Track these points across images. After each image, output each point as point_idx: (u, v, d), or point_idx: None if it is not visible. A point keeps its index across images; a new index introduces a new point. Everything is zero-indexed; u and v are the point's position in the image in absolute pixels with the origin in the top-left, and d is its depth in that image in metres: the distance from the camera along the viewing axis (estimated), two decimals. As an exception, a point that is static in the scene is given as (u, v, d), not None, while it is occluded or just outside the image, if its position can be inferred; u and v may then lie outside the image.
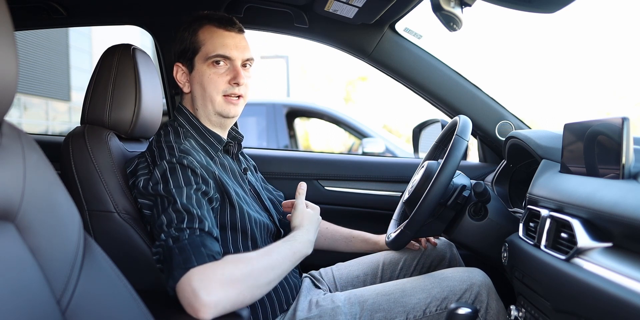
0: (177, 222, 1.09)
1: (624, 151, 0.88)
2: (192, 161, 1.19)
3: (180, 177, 1.16)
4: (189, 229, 1.08)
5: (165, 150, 1.23)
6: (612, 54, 19.96)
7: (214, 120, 1.34)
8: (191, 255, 1.03)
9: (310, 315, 1.28)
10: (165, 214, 1.11)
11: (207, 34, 1.31)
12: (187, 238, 1.06)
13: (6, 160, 0.72)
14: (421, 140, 2.09)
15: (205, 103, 1.32)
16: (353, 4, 1.57)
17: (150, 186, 1.17)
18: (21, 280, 0.69)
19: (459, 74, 1.82)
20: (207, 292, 0.98)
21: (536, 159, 1.36)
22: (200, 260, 1.02)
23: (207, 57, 1.29)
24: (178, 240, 1.06)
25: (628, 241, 0.82)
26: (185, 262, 1.02)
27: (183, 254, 1.04)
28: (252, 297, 1.04)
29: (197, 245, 1.05)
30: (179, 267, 1.01)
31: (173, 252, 1.04)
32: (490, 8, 1.11)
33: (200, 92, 1.32)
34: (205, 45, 1.30)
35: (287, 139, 4.78)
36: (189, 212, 1.10)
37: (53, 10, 1.81)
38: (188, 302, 0.98)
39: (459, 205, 1.34)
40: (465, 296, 1.22)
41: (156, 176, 1.17)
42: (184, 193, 1.13)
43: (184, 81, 1.35)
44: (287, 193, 1.89)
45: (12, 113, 7.07)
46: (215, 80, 1.30)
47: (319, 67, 17.83)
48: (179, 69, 1.35)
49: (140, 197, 1.22)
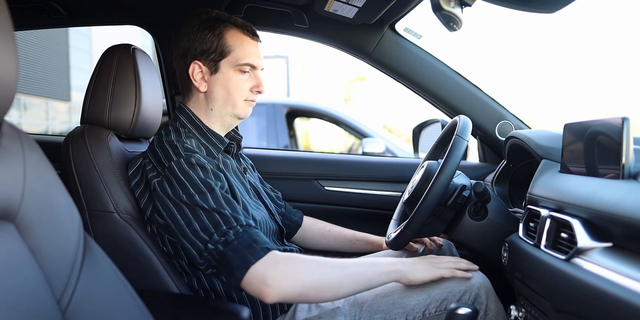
0: (215, 226, 1.13)
1: (624, 151, 0.88)
2: (199, 158, 1.21)
3: (196, 181, 1.17)
4: (231, 229, 1.12)
5: (169, 150, 1.23)
6: (612, 54, 19.97)
7: (227, 121, 1.36)
8: (247, 254, 1.09)
9: (310, 316, 1.28)
10: (198, 222, 1.14)
11: (236, 40, 1.32)
12: (235, 239, 1.11)
13: (6, 160, 0.72)
14: (421, 140, 2.08)
15: (225, 105, 1.34)
16: (353, 4, 1.57)
17: (169, 192, 1.18)
18: (21, 280, 0.69)
19: (459, 74, 1.82)
20: (273, 281, 1.07)
21: (536, 159, 1.36)
22: (257, 256, 1.09)
23: (238, 63, 1.32)
24: (227, 243, 1.11)
25: (628, 241, 0.82)
26: (245, 262, 1.08)
27: (238, 254, 1.09)
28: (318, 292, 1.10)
29: (248, 243, 1.11)
30: (238, 268, 1.08)
31: (227, 255, 1.10)
32: (490, 8, 1.11)
33: (223, 95, 1.33)
34: (235, 52, 1.31)
35: (287, 139, 4.78)
36: (222, 214, 1.14)
37: (53, 10, 1.81)
38: (256, 292, 1.08)
39: (459, 205, 1.34)
40: (465, 297, 1.22)
41: (170, 180, 1.18)
42: (208, 197, 1.16)
43: (199, 80, 1.33)
44: (287, 193, 1.90)
45: (12, 113, 7.07)
46: (242, 87, 1.33)
47: (319, 67, 17.83)
48: (196, 67, 1.32)
49: (158, 200, 1.21)
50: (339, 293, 1.12)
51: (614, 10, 25.66)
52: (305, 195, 1.96)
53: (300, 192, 1.96)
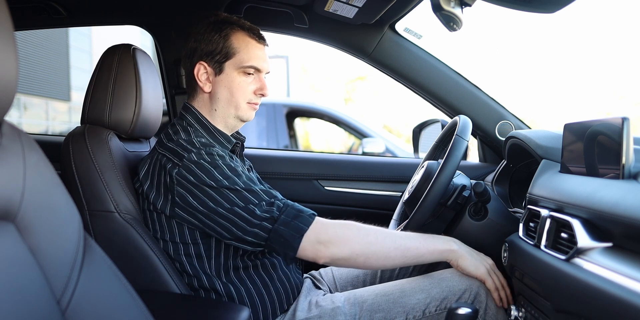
0: (255, 205, 1.18)
1: (624, 151, 0.88)
2: (218, 151, 1.25)
3: (221, 165, 1.21)
4: (271, 204, 1.19)
5: (187, 145, 1.25)
6: (612, 54, 19.96)
7: (230, 122, 1.38)
8: (298, 224, 1.17)
9: (310, 316, 1.28)
10: (234, 204, 1.18)
11: (241, 42, 1.34)
12: (280, 214, 1.19)
13: (6, 160, 0.72)
14: (421, 140, 2.09)
15: (228, 107, 1.35)
16: (353, 4, 1.57)
17: (191, 179, 1.20)
18: (21, 280, 0.69)
19: (459, 74, 1.82)
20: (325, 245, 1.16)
21: (536, 159, 1.36)
22: (307, 223, 1.17)
23: (242, 65, 1.33)
24: (273, 219, 1.17)
25: (628, 241, 0.82)
26: (298, 231, 1.16)
27: (289, 226, 1.16)
28: (366, 259, 1.18)
29: (293, 213, 1.18)
30: (293, 238, 1.16)
31: (279, 229, 1.16)
32: (490, 8, 1.11)
33: (226, 96, 1.34)
34: (240, 54, 1.33)
35: (287, 139, 4.78)
36: (253, 192, 1.20)
37: (53, 10, 1.81)
38: (312, 257, 1.18)
39: (459, 205, 1.34)
40: (465, 296, 1.22)
41: (192, 169, 1.20)
42: (238, 180, 1.21)
43: (204, 80, 1.35)
44: (287, 193, 1.89)
45: (12, 113, 7.07)
46: (245, 89, 1.35)
47: (319, 67, 17.83)
48: (201, 68, 1.35)
49: (182, 189, 1.21)
50: (386, 263, 1.20)
51: (614, 10, 25.66)
52: (305, 195, 1.96)
53: (300, 192, 1.96)
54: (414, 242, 1.22)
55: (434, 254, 1.22)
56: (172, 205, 1.23)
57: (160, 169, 1.25)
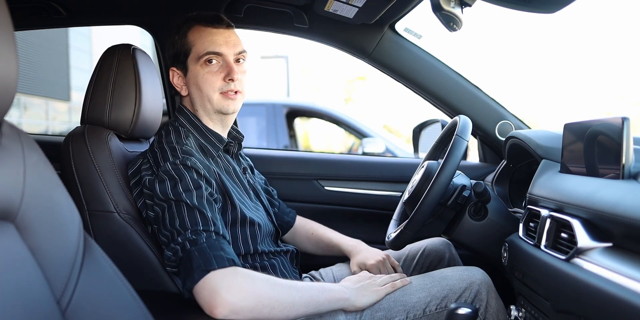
0: (192, 224, 1.11)
1: (624, 151, 0.88)
2: (195, 162, 1.21)
3: (188, 180, 1.17)
4: (206, 231, 1.11)
5: (167, 151, 1.24)
6: (612, 53, 19.97)
7: (215, 118, 1.35)
8: (212, 259, 1.06)
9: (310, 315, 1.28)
10: (178, 217, 1.13)
11: (196, 34, 1.32)
12: (205, 241, 1.09)
13: (6, 160, 0.72)
14: (421, 140, 2.08)
15: (203, 103, 1.33)
16: (353, 4, 1.57)
17: (157, 188, 1.18)
18: (21, 280, 0.69)
19: (459, 74, 1.82)
20: (227, 291, 1.02)
21: (536, 159, 1.36)
22: (220, 264, 1.06)
23: (199, 56, 1.30)
24: (196, 243, 1.09)
25: (628, 241, 0.82)
26: (206, 265, 1.05)
27: (203, 256, 1.06)
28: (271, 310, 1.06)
29: (216, 248, 1.08)
30: (199, 268, 1.05)
31: (192, 254, 1.07)
32: (490, 8, 1.11)
33: (197, 93, 1.33)
34: (196, 46, 1.31)
35: (287, 139, 4.78)
36: (202, 214, 1.13)
37: (53, 10, 1.81)
38: (207, 300, 1.02)
39: (459, 205, 1.34)
40: (465, 295, 1.22)
41: (162, 178, 1.18)
42: (194, 196, 1.15)
43: (180, 85, 1.36)
44: (287, 193, 1.90)
45: (12, 113, 7.07)
46: (210, 79, 1.30)
47: (319, 67, 17.82)
48: (174, 74, 1.36)
49: (148, 199, 1.23)
50: (290, 314, 1.09)
51: (614, 10, 25.67)
52: (305, 195, 1.96)
53: (300, 192, 1.96)
54: (315, 292, 1.15)
55: (332, 303, 1.16)
56: (147, 209, 1.25)
57: (140, 174, 1.27)
